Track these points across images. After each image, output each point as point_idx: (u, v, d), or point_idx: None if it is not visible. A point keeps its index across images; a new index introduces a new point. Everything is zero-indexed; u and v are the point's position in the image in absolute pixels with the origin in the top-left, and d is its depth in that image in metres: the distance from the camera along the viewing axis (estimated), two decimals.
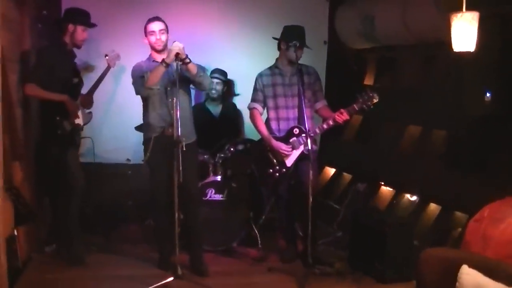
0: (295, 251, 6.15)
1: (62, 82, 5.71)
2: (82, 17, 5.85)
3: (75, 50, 5.94)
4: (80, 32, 5.81)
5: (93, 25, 5.93)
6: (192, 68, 5.32)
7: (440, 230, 5.95)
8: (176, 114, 5.01)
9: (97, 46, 6.54)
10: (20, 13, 5.68)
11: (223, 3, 7.26)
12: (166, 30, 5.51)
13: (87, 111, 6.07)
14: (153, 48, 5.53)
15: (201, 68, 5.48)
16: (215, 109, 6.97)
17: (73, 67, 5.95)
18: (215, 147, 6.51)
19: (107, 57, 6.34)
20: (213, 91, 6.85)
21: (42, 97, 5.65)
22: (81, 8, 5.88)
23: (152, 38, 5.46)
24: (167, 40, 5.48)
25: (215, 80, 6.82)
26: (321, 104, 6.02)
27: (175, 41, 5.25)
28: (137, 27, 5.70)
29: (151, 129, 5.51)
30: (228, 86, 7.14)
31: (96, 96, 6.16)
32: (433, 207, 6.23)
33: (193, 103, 5.91)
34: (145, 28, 5.50)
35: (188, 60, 5.26)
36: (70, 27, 5.77)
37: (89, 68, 6.73)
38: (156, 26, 5.45)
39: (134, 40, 6.06)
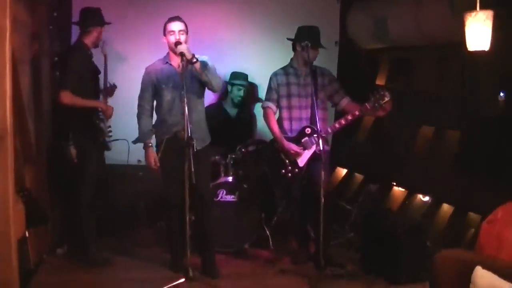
0: (307, 253, 6.13)
1: (90, 84, 5.75)
2: (102, 18, 5.87)
3: None
4: (101, 33, 5.84)
5: (108, 23, 5.95)
6: (198, 68, 5.30)
7: (453, 231, 5.92)
8: (187, 115, 5.00)
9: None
10: (31, 15, 5.68)
11: (239, 7, 7.28)
12: (186, 31, 5.42)
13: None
14: (171, 49, 5.47)
15: (206, 66, 5.41)
16: (232, 110, 6.97)
17: (94, 66, 5.96)
18: (227, 148, 6.49)
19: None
20: (239, 98, 6.89)
21: (78, 104, 5.63)
22: (95, 7, 5.88)
23: (171, 38, 5.36)
24: (186, 41, 5.38)
25: (241, 87, 6.85)
26: (346, 101, 5.99)
27: (178, 45, 5.24)
28: (150, 28, 5.69)
29: (164, 131, 5.50)
30: (250, 90, 7.14)
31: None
32: (446, 208, 6.20)
33: (206, 103, 5.88)
34: (165, 27, 5.43)
35: (195, 60, 5.23)
36: (98, 29, 5.79)
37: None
38: (176, 26, 5.38)
39: (149, 40, 6.04)
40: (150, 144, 5.53)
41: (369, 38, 7.27)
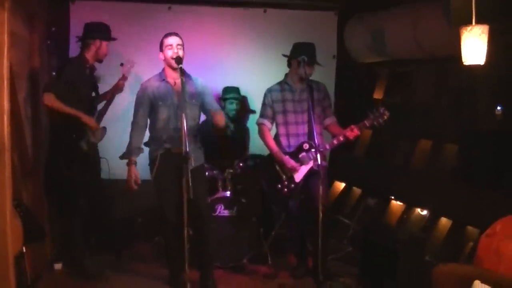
0: (306, 267, 6.11)
1: (82, 98, 5.73)
2: (106, 32, 5.89)
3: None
4: (105, 47, 5.86)
5: (114, 39, 5.96)
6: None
7: (451, 245, 5.90)
8: (185, 131, 4.98)
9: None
10: (29, 31, 5.70)
11: (234, 20, 7.32)
12: (183, 46, 5.43)
13: (101, 126, 6.04)
14: (168, 64, 5.46)
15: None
16: (228, 125, 6.97)
17: (93, 82, 5.97)
18: (225, 162, 6.49)
19: (122, 66, 6.24)
20: (233, 112, 6.89)
21: (59, 109, 5.58)
22: (100, 22, 5.90)
23: (169, 52, 5.36)
24: (183, 56, 5.38)
25: (233, 101, 6.85)
26: (330, 121, 6.00)
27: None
28: (147, 44, 5.70)
29: (157, 147, 5.49)
30: (243, 103, 7.14)
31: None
32: (445, 221, 6.18)
33: (201, 118, 5.89)
34: (162, 42, 5.44)
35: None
36: (97, 42, 5.80)
37: (97, 79, 6.75)
38: (174, 40, 5.39)
39: (146, 56, 6.05)
40: (134, 162, 5.48)
41: (367, 51, 7.28)
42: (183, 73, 5.20)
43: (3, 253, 4.26)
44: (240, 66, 7.30)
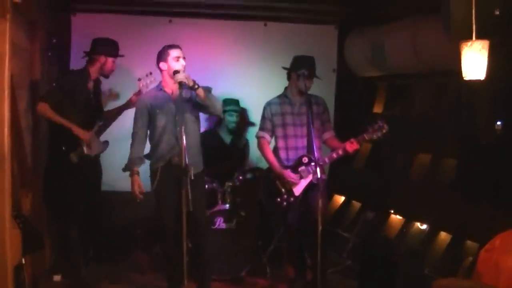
0: (305, 280, 6.09)
1: (80, 110, 5.74)
2: (113, 49, 5.92)
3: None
4: (111, 63, 5.90)
5: (121, 55, 5.98)
6: (201, 93, 5.31)
7: (451, 259, 5.89)
8: (184, 143, 4.98)
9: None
10: (30, 41, 5.72)
11: (234, 33, 7.34)
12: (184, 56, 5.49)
13: (103, 140, 6.05)
14: (169, 74, 5.43)
15: (210, 91, 5.47)
16: (227, 137, 6.98)
17: (95, 95, 5.96)
18: (224, 174, 6.49)
19: (140, 81, 6.16)
20: (233, 124, 6.89)
21: (51, 119, 5.64)
22: (109, 38, 5.93)
23: (176, 65, 5.37)
24: (184, 70, 5.37)
25: (233, 113, 6.86)
26: (329, 135, 6.01)
27: (176, 74, 5.26)
28: (148, 56, 5.70)
29: (158, 157, 5.48)
30: (242, 115, 7.15)
31: None
32: (444, 235, 6.17)
33: (202, 130, 5.89)
34: (167, 53, 5.43)
35: (197, 86, 5.25)
36: (102, 58, 5.82)
37: (112, 95, 6.76)
38: (180, 52, 5.43)
39: (146, 69, 6.06)
40: (137, 172, 5.46)
41: (367, 65, 7.30)
42: (181, 85, 5.21)
43: (2, 264, 4.26)
44: (240, 79, 7.31)
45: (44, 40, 6.21)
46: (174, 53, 5.42)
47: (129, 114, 5.79)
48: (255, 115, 6.84)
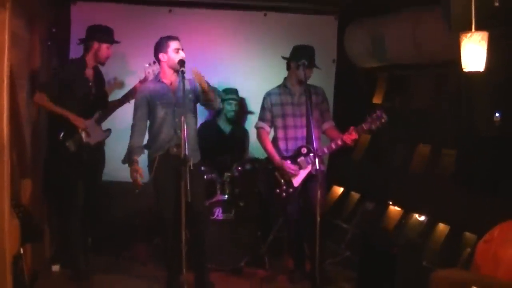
0: (303, 271, 6.11)
1: (78, 99, 5.73)
2: (107, 35, 5.88)
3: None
4: (105, 50, 5.85)
5: (116, 42, 5.95)
6: (206, 87, 5.32)
7: (449, 251, 5.90)
8: (184, 134, 4.99)
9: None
10: (29, 31, 5.71)
11: (234, 23, 7.32)
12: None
13: (105, 128, 6.04)
14: (170, 65, 5.47)
15: (214, 89, 5.50)
16: (226, 127, 6.98)
17: (95, 83, 5.95)
18: (223, 165, 6.49)
19: (149, 66, 5.98)
20: (232, 113, 6.88)
21: (48, 109, 5.69)
22: (103, 24, 5.90)
23: (176, 56, 5.40)
24: (180, 69, 5.37)
25: (232, 102, 6.85)
26: (328, 125, 6.01)
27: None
28: (148, 46, 5.69)
29: (157, 148, 5.49)
30: (241, 105, 7.15)
31: None
32: (442, 227, 6.18)
33: (201, 121, 5.89)
34: (167, 44, 5.45)
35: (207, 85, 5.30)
36: (95, 45, 5.80)
37: (117, 84, 6.74)
38: (179, 44, 5.47)
39: (146, 58, 6.05)
40: (137, 161, 5.46)
41: (367, 56, 7.28)
42: (183, 75, 5.22)
43: (1, 253, 4.27)
44: (240, 69, 7.30)
45: (43, 30, 6.20)
46: (174, 44, 5.44)
47: (131, 104, 5.80)
48: (254, 105, 6.84)
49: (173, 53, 5.43)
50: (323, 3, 7.16)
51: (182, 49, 5.46)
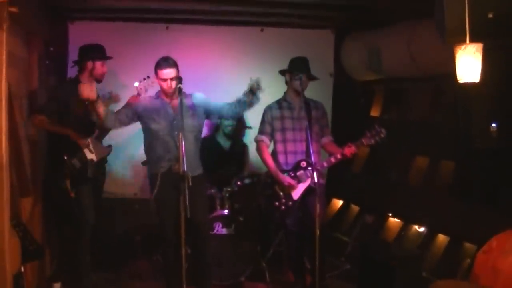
0: (304, 285, 6.11)
1: (77, 118, 5.74)
2: (98, 52, 5.89)
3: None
4: (100, 67, 5.87)
5: (109, 58, 5.97)
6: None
7: (449, 262, 5.91)
8: (182, 149, 4.99)
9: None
10: (27, 50, 5.73)
11: (231, 39, 7.37)
12: (177, 74, 5.40)
13: (107, 144, 6.06)
14: (162, 90, 5.49)
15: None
16: (226, 143, 7.00)
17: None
18: (223, 180, 6.50)
19: (140, 83, 5.83)
20: (229, 128, 6.89)
21: (50, 130, 5.72)
22: (94, 43, 5.93)
23: (164, 85, 5.40)
24: (177, 86, 5.31)
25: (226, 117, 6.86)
26: (327, 140, 6.05)
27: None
28: (146, 64, 5.71)
29: (158, 164, 5.48)
30: (238, 120, 7.17)
31: None
32: (442, 238, 6.19)
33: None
34: (157, 71, 5.41)
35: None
36: (89, 64, 5.82)
37: (113, 97, 6.75)
38: (167, 74, 5.37)
39: (144, 76, 6.08)
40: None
41: (363, 69, 7.32)
42: (181, 92, 5.22)
43: (2, 272, 4.27)
44: (237, 84, 7.29)
45: (41, 49, 6.23)
46: (161, 74, 5.38)
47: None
48: (252, 120, 6.85)
49: (161, 81, 5.42)
50: (320, 18, 7.19)
51: (174, 77, 5.35)
